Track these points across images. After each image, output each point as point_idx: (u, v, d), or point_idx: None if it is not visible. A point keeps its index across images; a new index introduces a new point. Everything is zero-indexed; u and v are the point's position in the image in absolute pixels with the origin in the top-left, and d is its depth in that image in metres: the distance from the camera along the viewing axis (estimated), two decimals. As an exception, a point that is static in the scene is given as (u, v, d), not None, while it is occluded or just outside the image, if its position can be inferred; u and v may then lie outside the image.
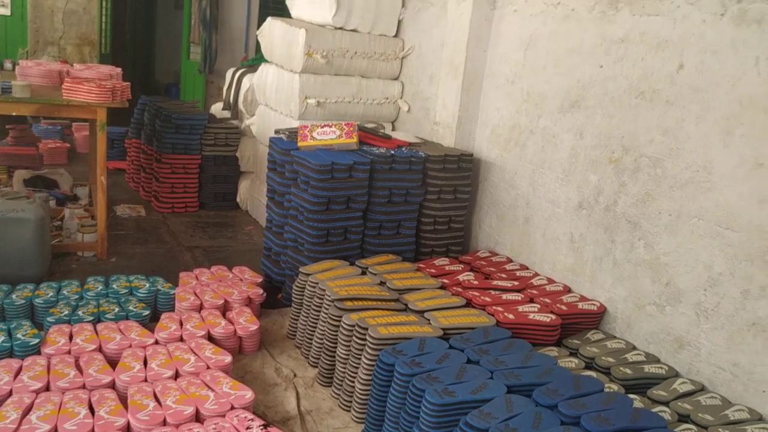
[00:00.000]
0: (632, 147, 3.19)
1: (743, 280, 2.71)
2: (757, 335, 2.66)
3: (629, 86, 3.21)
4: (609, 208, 3.33)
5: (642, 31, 3.14)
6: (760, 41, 2.64)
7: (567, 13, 3.57)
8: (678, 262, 2.97)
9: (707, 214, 2.84)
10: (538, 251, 3.82)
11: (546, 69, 3.73)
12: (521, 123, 3.92)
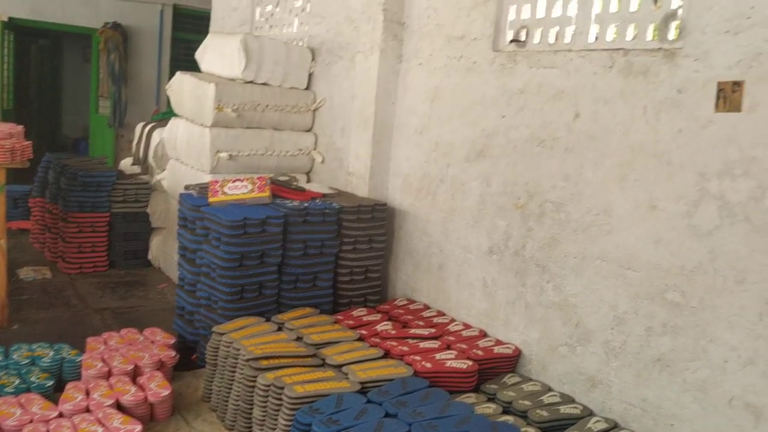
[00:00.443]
0: (536, 193, 3.30)
1: (646, 318, 2.81)
2: (662, 370, 2.75)
3: (531, 135, 3.33)
4: (518, 253, 3.41)
5: (539, 82, 3.28)
6: (645, 91, 2.81)
7: (469, 66, 3.70)
8: (585, 302, 3.06)
9: (609, 255, 2.95)
10: (453, 297, 3.85)
11: (452, 119, 3.83)
12: (431, 172, 3.99)
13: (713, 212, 2.57)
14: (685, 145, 2.66)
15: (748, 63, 2.47)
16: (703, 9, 2.61)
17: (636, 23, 2.92)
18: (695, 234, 2.63)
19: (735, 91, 2.50)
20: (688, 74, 2.66)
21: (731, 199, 2.52)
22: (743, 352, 2.49)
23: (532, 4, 3.38)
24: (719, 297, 2.56)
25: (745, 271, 2.48)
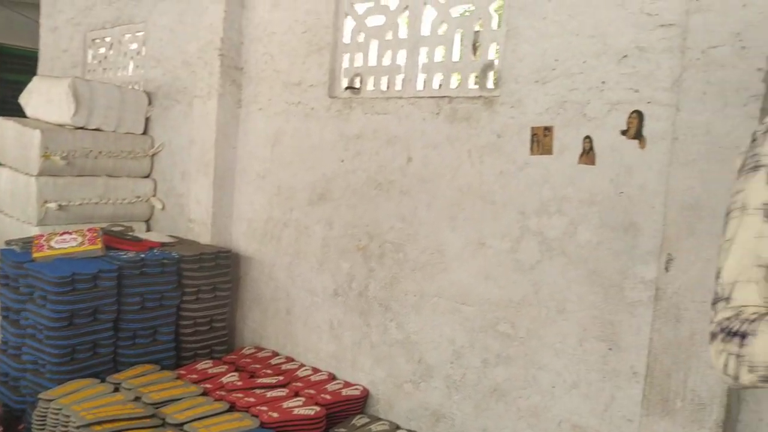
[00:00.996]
0: (376, 234, 3.36)
1: (482, 350, 2.93)
2: (499, 400, 2.87)
3: (368, 178, 3.40)
4: (362, 293, 3.44)
5: (374, 128, 3.38)
6: (469, 136, 2.97)
7: (307, 111, 3.73)
8: (426, 339, 3.14)
9: (445, 292, 3.06)
10: (301, 341, 3.81)
11: (293, 164, 3.83)
12: (275, 216, 3.95)
13: (534, 248, 2.75)
14: (507, 185, 2.84)
15: (555, 110, 2.69)
16: (515, 60, 2.82)
17: (459, 72, 3.09)
18: (520, 268, 2.80)
19: (546, 135, 2.71)
20: (505, 120, 2.85)
21: (549, 235, 2.71)
22: (568, 377, 2.66)
23: (364, 52, 3.49)
24: (544, 326, 2.73)
25: (564, 301, 2.67)
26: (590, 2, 2.59)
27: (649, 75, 2.45)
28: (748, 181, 1.06)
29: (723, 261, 1.07)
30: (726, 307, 1.03)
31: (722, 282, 1.05)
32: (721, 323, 1.02)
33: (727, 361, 1.00)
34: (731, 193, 1.10)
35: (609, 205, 2.54)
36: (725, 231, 1.09)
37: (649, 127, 2.44)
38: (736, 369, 0.99)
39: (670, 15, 2.39)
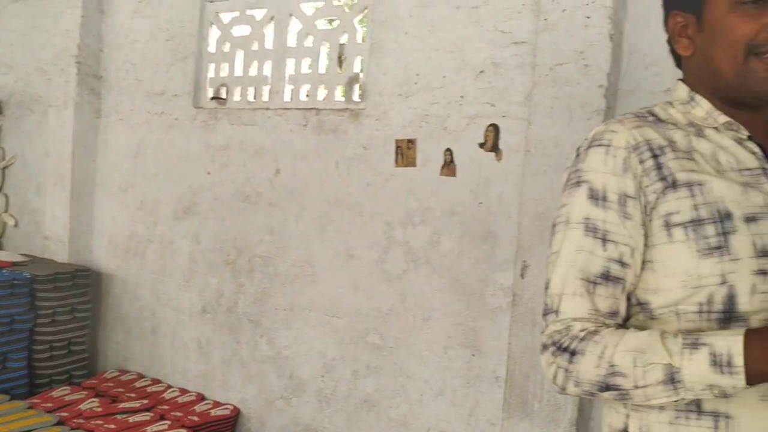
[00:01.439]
0: (245, 248, 3.28)
1: (352, 362, 2.92)
2: (370, 411, 2.87)
3: (236, 190, 3.31)
4: (231, 310, 3.34)
5: (241, 139, 3.30)
6: (337, 148, 2.96)
7: (171, 122, 3.59)
8: (297, 353, 3.09)
9: (315, 305, 3.03)
10: (168, 362, 3.64)
11: (158, 176, 3.67)
12: (138, 231, 3.76)
13: (400, 258, 2.78)
14: (374, 197, 2.86)
15: (418, 123, 2.74)
16: (379, 74, 2.85)
17: (325, 84, 3.08)
18: (387, 279, 2.82)
19: (410, 148, 2.75)
20: (371, 132, 2.87)
21: (414, 245, 2.75)
22: (434, 385, 2.70)
23: (230, 62, 3.41)
24: (411, 335, 2.75)
25: (430, 310, 2.71)
26: (449, 19, 2.67)
27: (504, 90, 2.54)
28: (571, 196, 1.08)
29: (551, 273, 1.08)
30: (556, 320, 1.05)
31: (551, 294, 1.07)
32: (552, 336, 1.04)
33: (556, 373, 1.03)
34: (557, 206, 1.14)
35: (469, 216, 2.61)
36: (551, 243, 1.12)
37: (505, 140, 2.53)
38: (564, 381, 1.03)
39: (522, 33, 2.50)
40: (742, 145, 1.08)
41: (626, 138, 1.06)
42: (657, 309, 1.05)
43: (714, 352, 0.90)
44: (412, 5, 2.76)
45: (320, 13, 3.10)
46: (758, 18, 1.02)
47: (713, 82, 1.09)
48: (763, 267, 0.98)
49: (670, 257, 1.02)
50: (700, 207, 1.00)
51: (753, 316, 0.98)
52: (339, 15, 3.05)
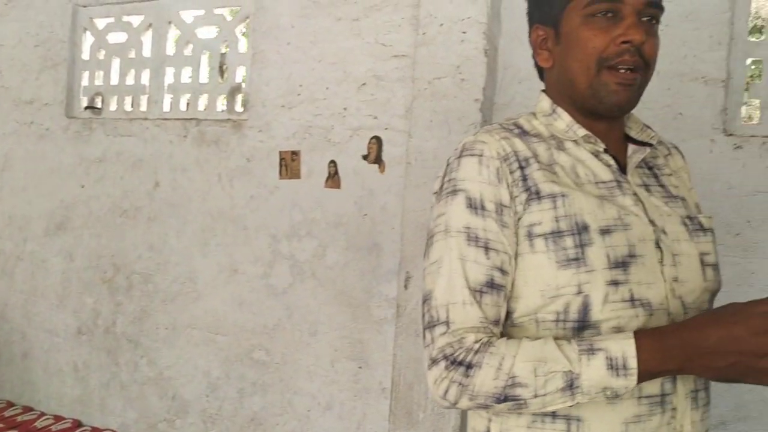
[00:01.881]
0: (123, 265, 3.11)
1: (238, 380, 2.83)
2: (257, 429, 2.79)
3: (113, 205, 3.15)
4: (109, 330, 3.16)
5: (118, 151, 3.14)
6: (219, 160, 2.87)
7: (42, 132, 3.37)
8: (180, 373, 2.96)
9: (199, 322, 2.91)
10: (41, 388, 3.39)
11: (27, 190, 3.43)
12: (6, 249, 3.50)
13: (286, 271, 2.72)
14: (258, 209, 2.79)
15: (302, 134, 2.70)
16: (261, 84, 2.79)
17: (207, 94, 2.99)
18: (273, 293, 2.75)
19: (294, 159, 2.71)
20: (254, 144, 2.80)
21: (300, 258, 2.70)
22: (322, 399, 2.66)
23: (105, 70, 3.24)
24: (298, 350, 2.70)
25: (316, 323, 2.67)
26: (330, 30, 2.65)
27: (386, 102, 2.55)
28: (448, 205, 1.06)
29: (433, 284, 1.05)
30: (446, 332, 1.01)
31: (436, 305, 1.03)
32: (443, 350, 1.00)
33: (448, 388, 1.00)
34: (433, 216, 1.12)
35: (354, 227, 2.60)
36: (429, 254, 1.08)
37: (388, 152, 2.54)
38: (457, 396, 1.00)
39: (402, 46, 2.52)
40: (599, 158, 1.11)
41: (496, 149, 1.07)
42: (518, 317, 1.05)
43: (610, 357, 0.92)
44: (294, 16, 2.73)
45: (200, 21, 3.00)
46: (608, 31, 1.04)
47: (570, 92, 1.12)
48: (615, 278, 1.00)
49: (532, 267, 1.03)
50: (561, 219, 1.02)
51: (604, 324, 1.00)
52: (220, 23, 2.96)
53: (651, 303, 1.01)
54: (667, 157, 1.23)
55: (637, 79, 1.06)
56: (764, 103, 2.13)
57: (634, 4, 1.04)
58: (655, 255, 1.04)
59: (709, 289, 1.10)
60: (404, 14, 2.51)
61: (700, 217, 1.14)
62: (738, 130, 2.13)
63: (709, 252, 1.11)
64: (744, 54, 2.14)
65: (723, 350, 0.88)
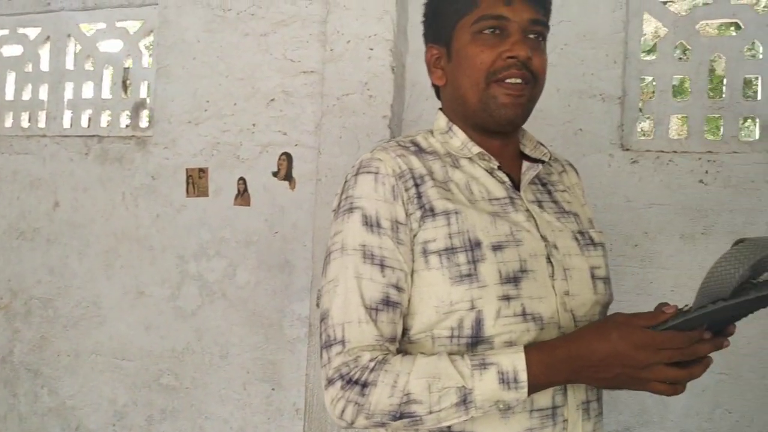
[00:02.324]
0: (21, 290, 2.93)
1: (146, 407, 2.70)
2: (166, 458, 2.67)
3: (8, 226, 2.96)
4: (5, 359, 2.96)
5: (14, 169, 2.96)
6: (123, 178, 2.76)
7: (-72, 150, 3.14)
8: (84, 402, 2.80)
9: (103, 348, 2.77)
10: (-70, 425, 3.14)
11: None
12: None
13: (195, 292, 2.63)
14: (164, 229, 2.68)
15: (209, 151, 2.62)
16: (167, 100, 2.70)
17: (109, 110, 2.86)
18: (181, 315, 2.65)
19: (201, 177, 2.63)
20: (160, 161, 2.70)
21: (209, 278, 2.61)
22: (234, 424, 2.57)
23: (-1, 85, 3.06)
24: (208, 374, 2.61)
25: (227, 345, 2.58)
26: (238, 46, 2.60)
27: (295, 118, 2.51)
28: (345, 223, 1.07)
29: (329, 302, 1.04)
30: (342, 351, 1.01)
31: (332, 324, 1.03)
32: (339, 369, 1.00)
33: (345, 408, 0.99)
34: (330, 234, 1.11)
35: (265, 245, 2.54)
36: (326, 272, 1.07)
37: (298, 168, 2.50)
38: (354, 415, 0.99)
39: (311, 62, 2.49)
40: (493, 175, 1.13)
41: (392, 166, 1.07)
42: (415, 334, 1.06)
43: (501, 371, 0.94)
44: (200, 30, 2.65)
45: (102, 34, 2.88)
46: (495, 47, 1.07)
47: (463, 109, 1.13)
48: (507, 293, 1.02)
49: (427, 283, 1.04)
50: (454, 236, 1.03)
51: (497, 339, 1.02)
52: (123, 37, 2.85)
53: (542, 317, 1.03)
54: (561, 173, 1.26)
55: (526, 91, 1.09)
56: (657, 119, 2.22)
57: (519, 22, 1.07)
58: (546, 270, 1.06)
59: (599, 302, 1.13)
60: (312, 30, 2.49)
61: (591, 232, 1.17)
62: (634, 145, 2.21)
63: (600, 266, 1.15)
64: (638, 72, 2.23)
65: (608, 363, 0.92)
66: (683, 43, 2.22)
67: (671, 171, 2.14)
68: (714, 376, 2.09)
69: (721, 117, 2.17)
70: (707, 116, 2.19)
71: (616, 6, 2.19)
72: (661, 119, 2.21)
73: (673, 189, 2.14)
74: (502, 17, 1.07)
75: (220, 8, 2.63)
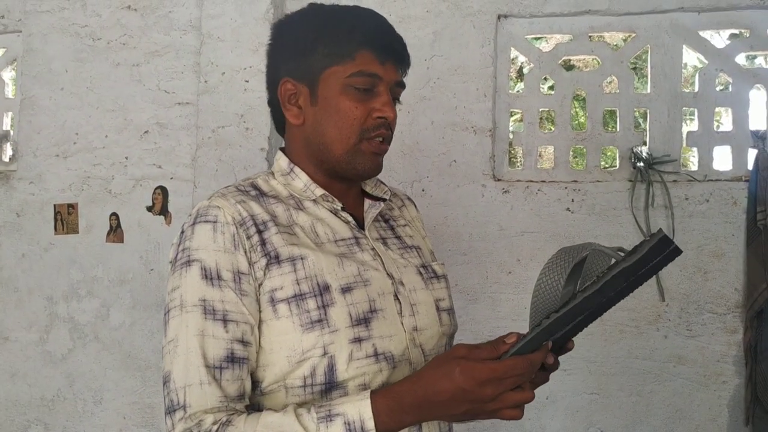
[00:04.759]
0: None
1: (12, 462, 2.46)
2: None
3: None
4: None
5: None
6: (-17, 216, 2.53)
7: None
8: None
9: (-38, 400, 2.51)
10: None
11: None
12: None
13: (65, 336, 2.44)
14: (31, 269, 2.48)
15: (79, 186, 2.45)
16: (32, 132, 2.50)
17: (-31, 143, 2.63)
18: (51, 361, 2.45)
19: (71, 213, 2.45)
20: (25, 197, 2.50)
21: (80, 320, 2.43)
22: (110, 473, 2.39)
23: None
24: (81, 422, 2.41)
25: (101, 391, 2.40)
26: (108, 76, 2.45)
27: (170, 151, 2.40)
28: (183, 277, 0.99)
29: (171, 364, 0.97)
30: (184, 416, 0.94)
31: (175, 387, 0.95)
32: None
33: None
34: (168, 289, 1.02)
35: (140, 284, 2.39)
36: (166, 332, 0.99)
37: (174, 202, 2.38)
38: None
39: (186, 94, 2.39)
40: (338, 216, 1.10)
41: (232, 213, 1.02)
42: (267, 386, 1.01)
43: (348, 421, 0.90)
44: (68, 59, 2.49)
45: (-41, 63, 2.65)
46: (365, 104, 1.06)
47: (321, 155, 1.09)
48: (358, 335, 0.99)
49: (277, 333, 0.99)
50: (302, 281, 1.00)
51: (350, 383, 0.99)
52: (-17, 66, 2.64)
53: (393, 355, 1.02)
54: (401, 208, 1.27)
55: (385, 147, 1.10)
56: (526, 151, 2.27)
57: (388, 82, 1.07)
58: (394, 307, 1.05)
59: (445, 333, 1.13)
60: (186, 61, 2.39)
61: (434, 265, 1.18)
62: (505, 175, 2.24)
63: (444, 297, 1.15)
64: (507, 105, 2.27)
65: (455, 400, 0.90)
66: (547, 77, 2.29)
67: (540, 200, 2.19)
68: (586, 397, 2.14)
69: (584, 147, 2.25)
70: (573, 147, 2.26)
71: (485, 41, 2.23)
72: (530, 150, 2.26)
73: (543, 217, 2.18)
74: (376, 76, 1.06)
75: (90, 37, 2.48)
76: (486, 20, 2.24)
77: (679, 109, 2.19)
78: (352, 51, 1.05)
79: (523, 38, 2.28)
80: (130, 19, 2.45)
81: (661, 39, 2.19)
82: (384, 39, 1.07)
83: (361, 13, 1.10)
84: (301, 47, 1.09)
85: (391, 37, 1.09)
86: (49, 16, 2.51)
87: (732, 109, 2.20)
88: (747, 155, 2.16)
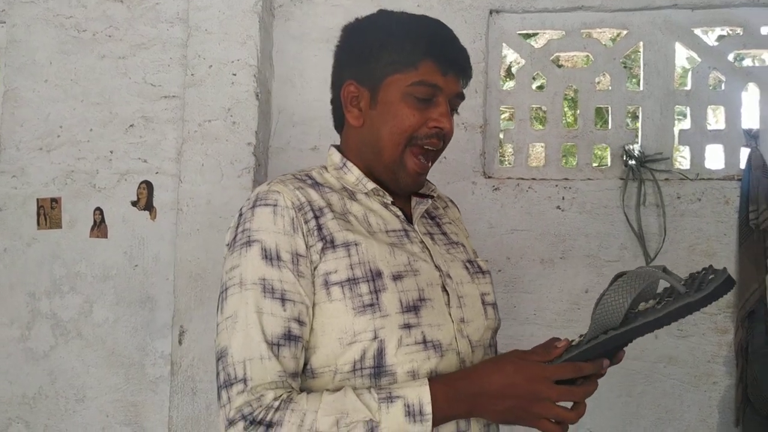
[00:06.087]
0: None
1: (-8, 460, 2.39)
2: None
3: None
4: None
5: None
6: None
7: None
8: None
9: (-58, 397, 2.44)
10: None
11: None
12: None
13: (47, 332, 2.37)
14: (12, 264, 2.40)
15: (63, 180, 2.38)
16: (15, 125, 2.43)
17: (-49, 135, 2.55)
18: (33, 358, 2.37)
19: (54, 207, 2.38)
20: (7, 191, 2.42)
21: (63, 317, 2.36)
22: (92, 472, 2.32)
23: None
24: (63, 420, 2.34)
25: (84, 388, 2.34)
26: (94, 68, 2.38)
27: (156, 145, 2.33)
28: (243, 257, 1.01)
29: (228, 340, 0.98)
30: (244, 390, 0.95)
31: (233, 362, 0.97)
32: (241, 409, 0.94)
33: None
34: (225, 269, 1.04)
35: (124, 279, 2.32)
36: (223, 308, 1.02)
37: (159, 197, 2.32)
38: None
39: (172, 87, 2.32)
40: (388, 209, 1.13)
41: (291, 198, 1.05)
42: (316, 368, 1.03)
43: (408, 404, 0.94)
44: (52, 51, 2.42)
45: (-58, 53, 2.58)
46: (423, 113, 1.07)
47: (372, 158, 1.12)
48: (408, 321, 1.01)
49: (329, 315, 1.01)
50: (356, 266, 1.02)
51: (399, 368, 1.00)
52: (-34, 57, 2.56)
53: (441, 344, 1.04)
54: (445, 209, 1.32)
55: (429, 166, 1.14)
56: (516, 148, 2.22)
57: (448, 94, 1.09)
58: (442, 298, 1.07)
59: (490, 327, 1.16)
60: (173, 54, 2.32)
61: (479, 261, 1.21)
62: (495, 172, 2.20)
63: (489, 292, 1.18)
64: (498, 102, 2.22)
65: (503, 394, 0.95)
66: (539, 73, 2.24)
67: (531, 198, 2.14)
68: (575, 397, 2.09)
69: (576, 145, 2.20)
70: (564, 144, 2.22)
71: (476, 37, 2.18)
72: (521, 147, 2.21)
73: (533, 215, 2.14)
74: (437, 86, 1.07)
75: (75, 28, 2.41)
76: (477, 15, 2.19)
77: (672, 107, 2.15)
78: (416, 60, 1.06)
79: (514, 34, 2.24)
80: (116, 11, 2.39)
81: (654, 36, 2.15)
82: (447, 50, 1.08)
83: (427, 23, 1.11)
84: (367, 53, 1.10)
85: (455, 49, 1.10)
86: (33, 6, 2.44)
87: (724, 107, 2.16)
88: (739, 154, 2.12)
